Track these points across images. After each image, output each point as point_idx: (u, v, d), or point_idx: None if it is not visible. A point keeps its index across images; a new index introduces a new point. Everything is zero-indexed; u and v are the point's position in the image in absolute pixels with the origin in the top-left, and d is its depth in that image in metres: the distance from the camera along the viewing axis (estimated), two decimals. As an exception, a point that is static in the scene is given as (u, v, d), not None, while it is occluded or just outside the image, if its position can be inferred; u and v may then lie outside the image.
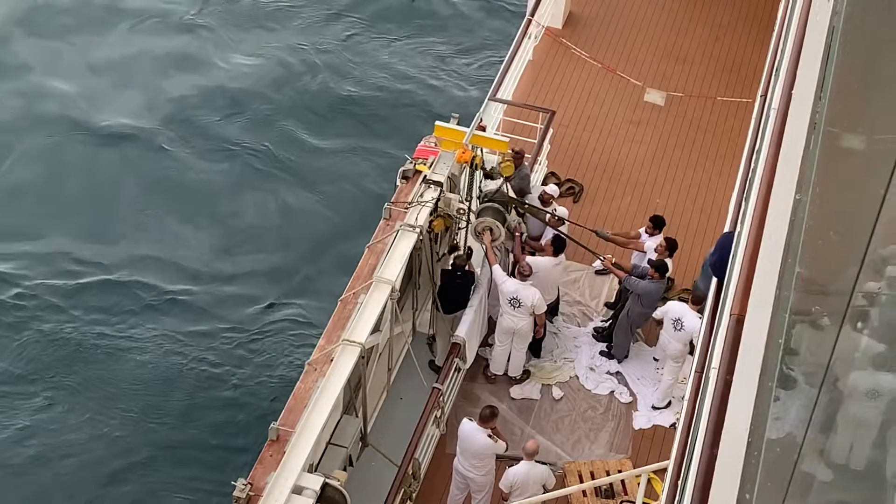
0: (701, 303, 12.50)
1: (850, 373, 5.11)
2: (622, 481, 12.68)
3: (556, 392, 14.11)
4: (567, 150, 17.64)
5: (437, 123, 13.43)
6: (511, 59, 17.82)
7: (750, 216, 7.12)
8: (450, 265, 13.83)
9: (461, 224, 13.65)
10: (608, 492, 12.61)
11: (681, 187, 17.22)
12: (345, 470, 11.42)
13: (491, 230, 13.39)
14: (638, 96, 18.79)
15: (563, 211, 15.07)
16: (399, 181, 13.47)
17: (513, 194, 13.87)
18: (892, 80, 5.60)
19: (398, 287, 11.89)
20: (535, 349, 14.34)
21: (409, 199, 12.90)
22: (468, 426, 12.05)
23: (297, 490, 9.84)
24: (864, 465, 5.13)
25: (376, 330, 11.60)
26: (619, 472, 12.76)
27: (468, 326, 13.42)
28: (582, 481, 12.66)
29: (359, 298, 11.72)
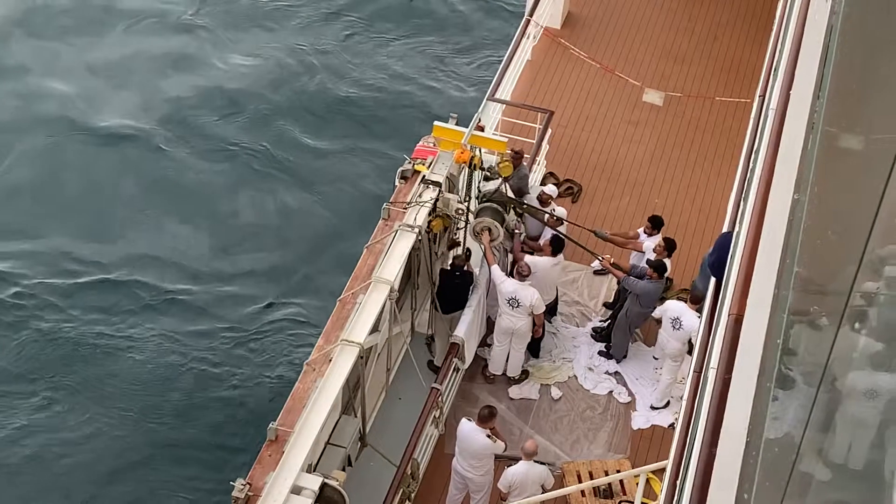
0: (699, 303, 12.50)
1: (848, 373, 5.11)
2: (621, 481, 12.68)
3: (555, 392, 14.12)
4: (566, 151, 17.64)
5: (436, 123, 13.44)
6: (509, 60, 17.78)
7: (748, 216, 7.12)
8: (448, 265, 13.84)
9: (460, 224, 13.66)
10: (607, 492, 12.61)
11: (679, 187, 17.22)
12: (343, 470, 11.41)
13: (489, 230, 13.39)
14: (636, 96, 18.79)
15: (561, 211, 15.08)
16: (398, 181, 13.47)
17: (511, 194, 13.87)
18: (891, 79, 5.59)
19: (397, 287, 11.89)
20: (533, 349, 14.34)
21: (408, 200, 12.90)
22: (467, 426, 12.05)
23: (296, 490, 9.84)
24: (863, 465, 5.13)
25: (375, 330, 11.61)
26: (618, 472, 12.75)
27: (467, 326, 13.42)
28: (580, 481, 12.66)
29: (357, 298, 11.72)
